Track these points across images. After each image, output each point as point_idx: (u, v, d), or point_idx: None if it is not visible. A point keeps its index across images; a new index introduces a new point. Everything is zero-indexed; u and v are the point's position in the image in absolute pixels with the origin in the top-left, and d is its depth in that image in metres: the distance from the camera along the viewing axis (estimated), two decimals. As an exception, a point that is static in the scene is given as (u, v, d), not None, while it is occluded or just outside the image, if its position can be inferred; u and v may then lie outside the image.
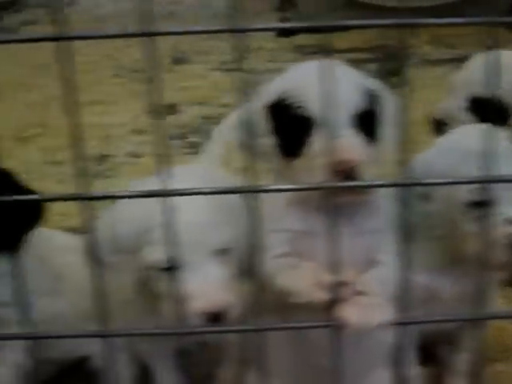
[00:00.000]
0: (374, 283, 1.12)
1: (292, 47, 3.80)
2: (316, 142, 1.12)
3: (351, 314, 1.03)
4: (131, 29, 0.78)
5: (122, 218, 1.21)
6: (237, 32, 0.77)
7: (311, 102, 1.11)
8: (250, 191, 0.82)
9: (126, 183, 2.31)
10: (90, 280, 0.85)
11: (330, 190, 0.95)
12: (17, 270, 0.87)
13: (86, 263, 0.92)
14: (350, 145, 1.10)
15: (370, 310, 1.05)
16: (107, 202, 1.06)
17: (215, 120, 2.83)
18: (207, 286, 1.16)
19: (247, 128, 1.12)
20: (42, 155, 2.73)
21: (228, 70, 3.48)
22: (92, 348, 1.45)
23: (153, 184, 0.84)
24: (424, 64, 3.44)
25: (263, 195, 0.85)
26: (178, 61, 3.74)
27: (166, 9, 4.86)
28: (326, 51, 0.81)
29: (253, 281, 1.13)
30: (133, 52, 3.83)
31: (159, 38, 0.76)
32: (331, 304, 1.05)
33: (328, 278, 1.05)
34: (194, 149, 2.67)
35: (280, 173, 1.20)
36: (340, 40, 3.48)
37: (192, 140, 2.80)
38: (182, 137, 2.83)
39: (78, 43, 0.82)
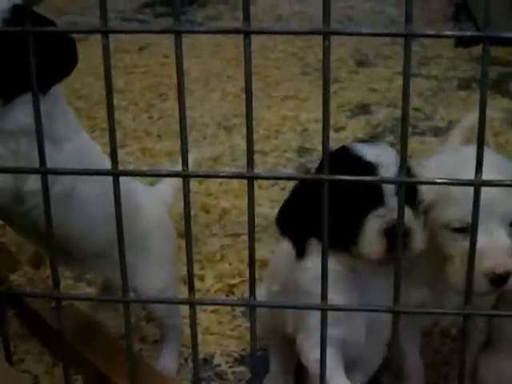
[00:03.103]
0: None
1: (470, 57, 3.92)
2: None
3: None
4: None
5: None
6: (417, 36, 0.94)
7: None
8: None
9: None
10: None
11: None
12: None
13: None
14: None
15: None
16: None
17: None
18: (497, 249, 1.23)
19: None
20: (245, 143, 2.99)
21: (411, 76, 3.63)
22: None
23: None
24: None
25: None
26: (362, 64, 3.96)
27: (342, 12, 5.10)
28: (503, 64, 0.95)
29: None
30: (316, 52, 4.11)
31: (341, 41, 0.95)
32: None
33: None
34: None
35: None
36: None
37: (388, 140, 2.94)
38: (378, 136, 2.99)
39: (265, 41, 0.96)
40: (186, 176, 1.04)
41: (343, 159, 1.24)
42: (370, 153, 1.26)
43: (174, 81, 0.98)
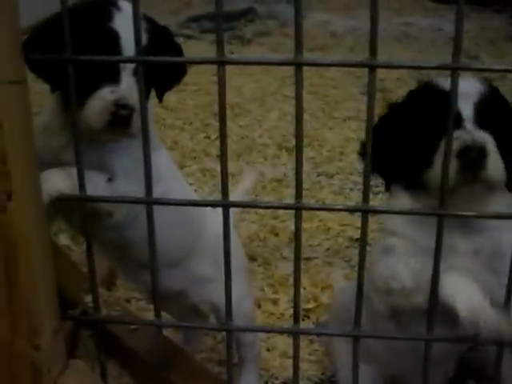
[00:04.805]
0: None
1: (529, 73, 3.87)
2: None
3: None
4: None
5: None
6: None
7: None
8: None
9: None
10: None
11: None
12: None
13: None
14: None
15: None
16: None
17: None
18: None
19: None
20: (309, 165, 2.95)
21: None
22: None
23: None
24: None
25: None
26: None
27: (399, 29, 5.07)
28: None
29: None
30: (373, 71, 4.09)
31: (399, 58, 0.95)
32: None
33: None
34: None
35: None
36: None
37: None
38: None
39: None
40: (298, 208, 1.04)
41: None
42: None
43: (228, 100, 0.98)
